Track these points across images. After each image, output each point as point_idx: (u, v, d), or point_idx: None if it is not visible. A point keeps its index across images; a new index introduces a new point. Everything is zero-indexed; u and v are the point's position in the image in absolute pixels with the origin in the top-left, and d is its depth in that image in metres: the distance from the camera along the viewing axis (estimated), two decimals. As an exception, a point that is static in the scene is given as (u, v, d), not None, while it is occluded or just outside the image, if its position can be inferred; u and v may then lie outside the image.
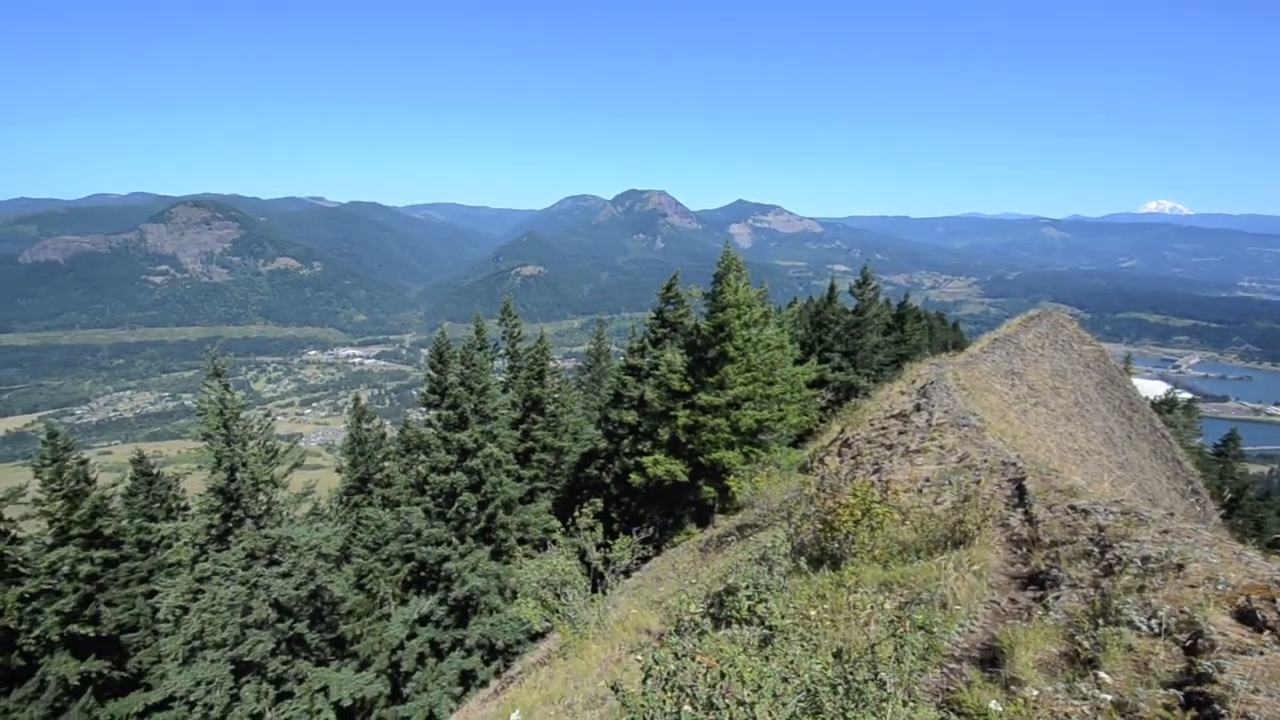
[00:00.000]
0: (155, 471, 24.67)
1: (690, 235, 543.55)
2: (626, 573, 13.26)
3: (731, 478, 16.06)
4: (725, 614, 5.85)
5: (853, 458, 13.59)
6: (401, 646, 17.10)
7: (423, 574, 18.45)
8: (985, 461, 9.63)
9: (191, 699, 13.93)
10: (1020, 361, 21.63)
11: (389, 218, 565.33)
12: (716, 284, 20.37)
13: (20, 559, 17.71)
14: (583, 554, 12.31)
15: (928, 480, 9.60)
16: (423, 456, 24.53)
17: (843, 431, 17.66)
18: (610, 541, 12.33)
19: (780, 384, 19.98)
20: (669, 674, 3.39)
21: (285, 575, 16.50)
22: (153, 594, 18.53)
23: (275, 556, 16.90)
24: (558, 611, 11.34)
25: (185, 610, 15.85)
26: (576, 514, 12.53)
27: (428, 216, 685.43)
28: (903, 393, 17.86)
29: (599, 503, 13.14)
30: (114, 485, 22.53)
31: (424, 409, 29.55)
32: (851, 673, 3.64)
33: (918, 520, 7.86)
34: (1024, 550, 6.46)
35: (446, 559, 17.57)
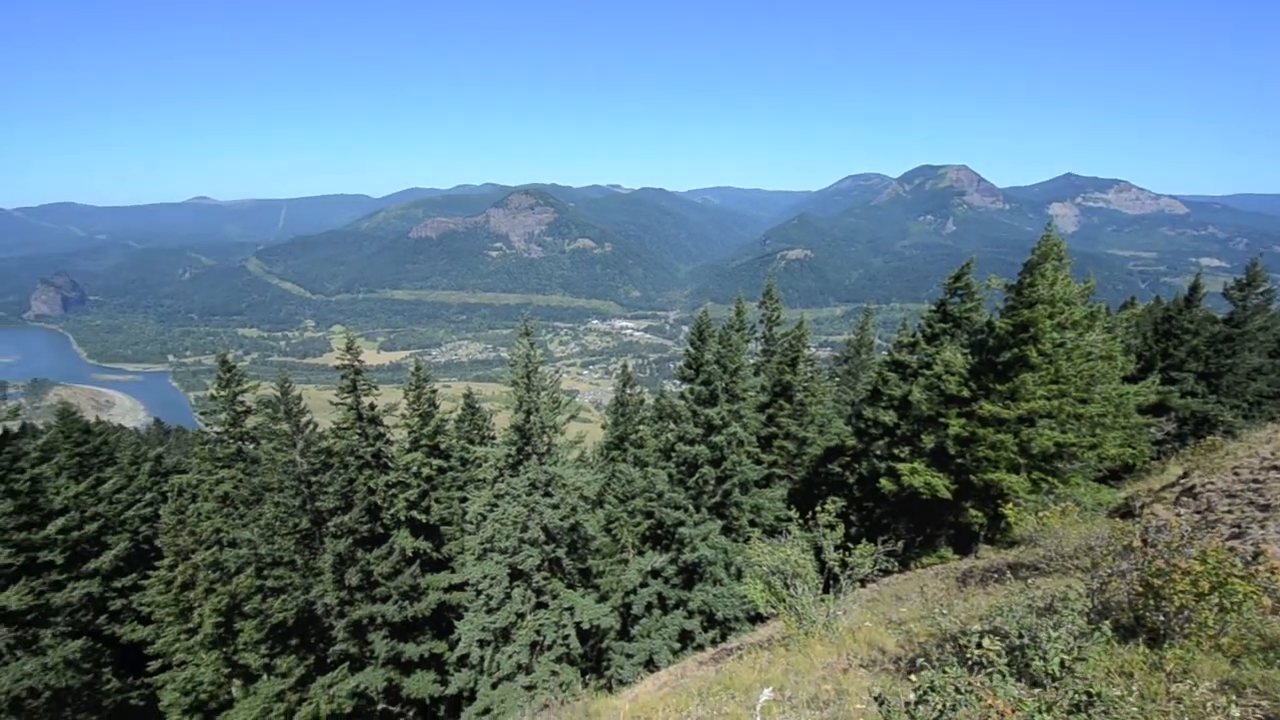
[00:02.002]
0: (477, 406, 31.02)
1: (992, 216, 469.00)
2: (863, 582, 12.22)
3: (1009, 505, 13.52)
4: (980, 658, 4.90)
5: (1199, 512, 10.25)
6: (634, 592, 18.69)
7: (659, 532, 19.76)
8: None
9: (479, 588, 17.38)
10: None
11: (671, 202, 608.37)
12: (1026, 274, 16.96)
13: (389, 456, 24.01)
14: (819, 551, 11.69)
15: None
16: (672, 426, 26.04)
17: (1186, 476, 13.43)
18: (850, 545, 11.49)
19: (1098, 404, 15.98)
20: (946, 706, 2.94)
21: (554, 506, 19.26)
22: (464, 500, 23.45)
23: (549, 489, 19.83)
24: (785, 601, 11.04)
25: (483, 518, 19.64)
26: (818, 509, 11.90)
27: (704, 200, 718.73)
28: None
29: (839, 502, 12.28)
30: (450, 412, 28.95)
31: (679, 381, 31.29)
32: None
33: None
34: None
35: (682, 524, 18.51)
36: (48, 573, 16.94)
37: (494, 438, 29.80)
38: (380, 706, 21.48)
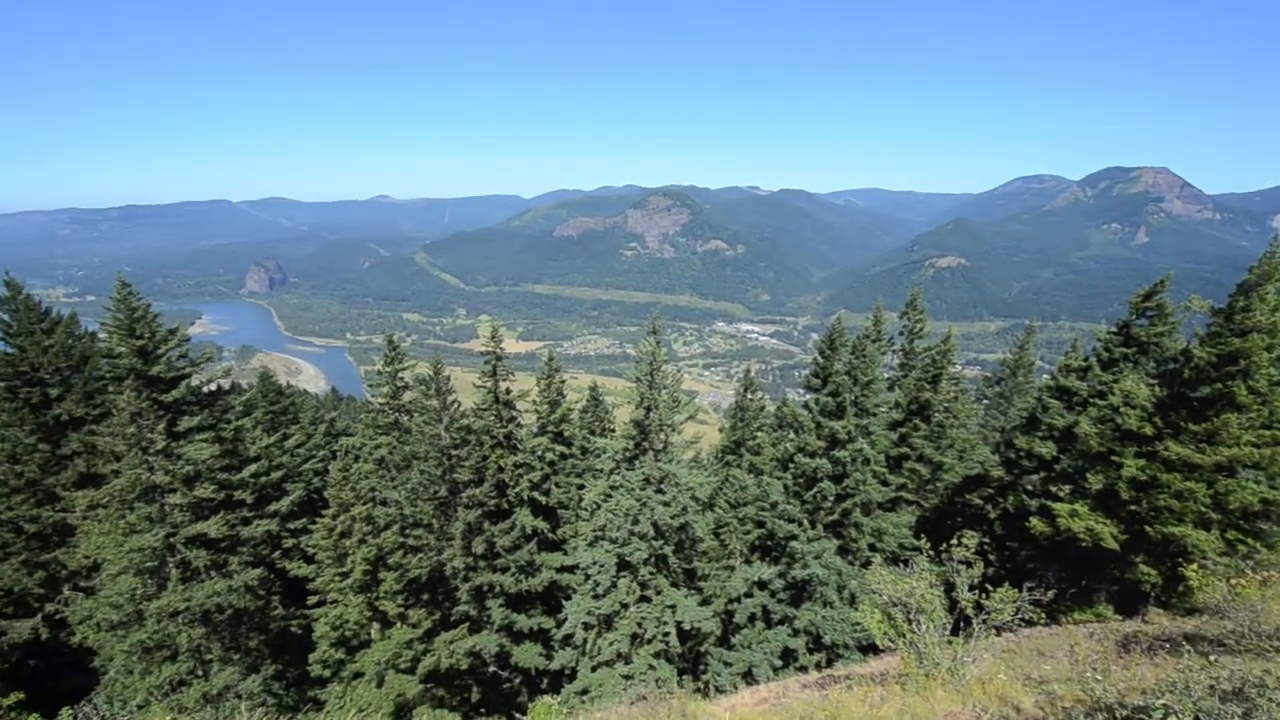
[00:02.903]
0: (600, 399, 32.17)
1: (1196, 228, 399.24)
2: (999, 629, 10.93)
3: (1193, 567, 11.42)
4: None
5: None
6: (738, 600, 18.30)
7: (769, 543, 19.15)
8: None
9: (588, 572, 18.00)
10: None
11: (810, 204, 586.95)
12: (1240, 296, 14.13)
13: (518, 439, 25.62)
14: (949, 588, 10.70)
15: None
16: (793, 436, 25.11)
17: None
18: (988, 587, 10.39)
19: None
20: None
21: (666, 504, 19.40)
22: (582, 487, 24.40)
23: (662, 486, 20.02)
24: (905, 637, 10.23)
25: (597, 506, 20.29)
26: (953, 542, 10.89)
27: (847, 202, 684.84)
28: None
29: (976, 536, 11.07)
30: (576, 403, 30.25)
31: (804, 390, 30.10)
32: None
33: None
34: None
35: (794, 538, 17.78)
36: (240, 509, 20.18)
37: (614, 430, 30.69)
38: (492, 669, 23.04)
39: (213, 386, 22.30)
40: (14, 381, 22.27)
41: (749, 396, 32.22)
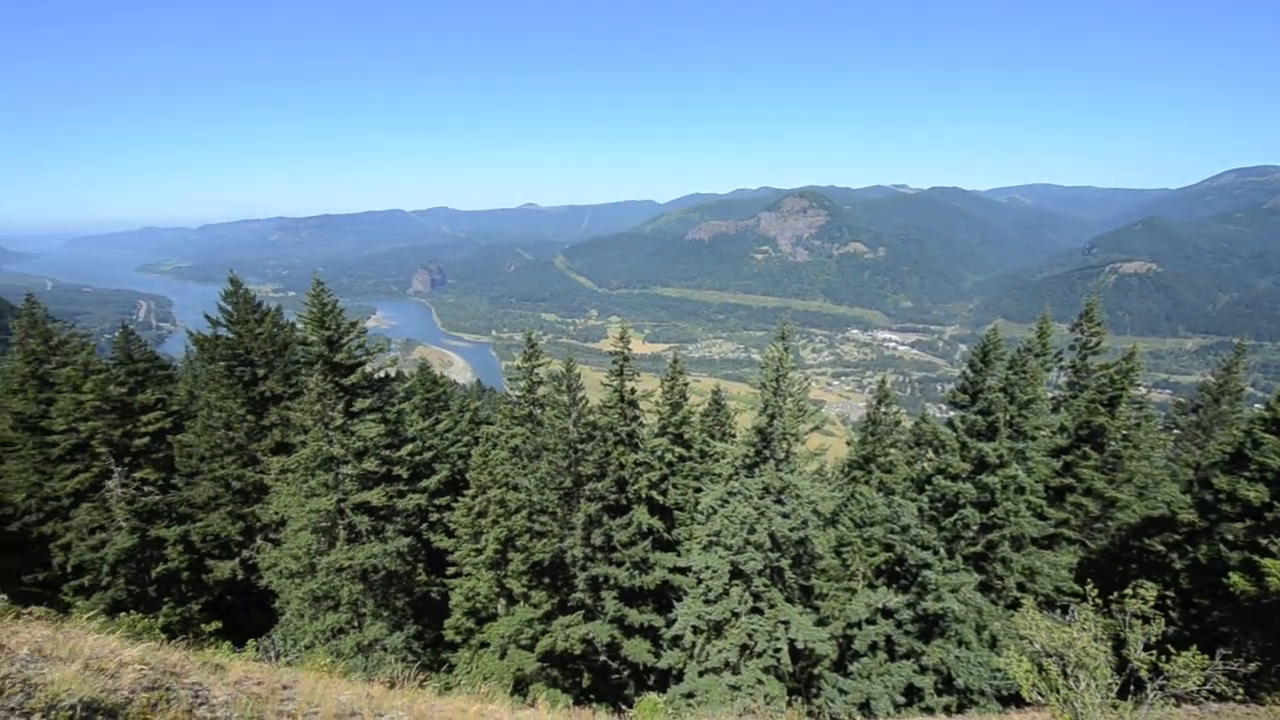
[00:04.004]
0: (723, 403, 31.91)
1: None
2: (1179, 699, 9.28)
3: None
4: None
5: None
6: (859, 625, 17.18)
7: (898, 569, 17.78)
8: None
9: (700, 576, 17.93)
10: None
11: (967, 202, 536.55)
12: None
13: (640, 438, 26.19)
14: (1118, 643, 9.35)
15: None
16: (932, 455, 23.16)
17: None
18: (1170, 648, 8.95)
19: None
20: None
21: (785, 515, 18.80)
22: (699, 490, 24.38)
23: (782, 497, 19.43)
24: (1059, 692, 9.09)
25: (714, 511, 20.16)
26: (1127, 592, 9.51)
27: (1011, 200, 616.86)
28: None
29: (1155, 589, 9.47)
30: (697, 406, 30.29)
31: (948, 406, 27.60)
32: None
33: None
34: None
35: (927, 566, 16.35)
36: (396, 483, 22.69)
37: (734, 436, 30.27)
38: (602, 659, 23.76)
39: (382, 374, 25.41)
40: (232, 362, 26.92)
41: (883, 409, 30.19)
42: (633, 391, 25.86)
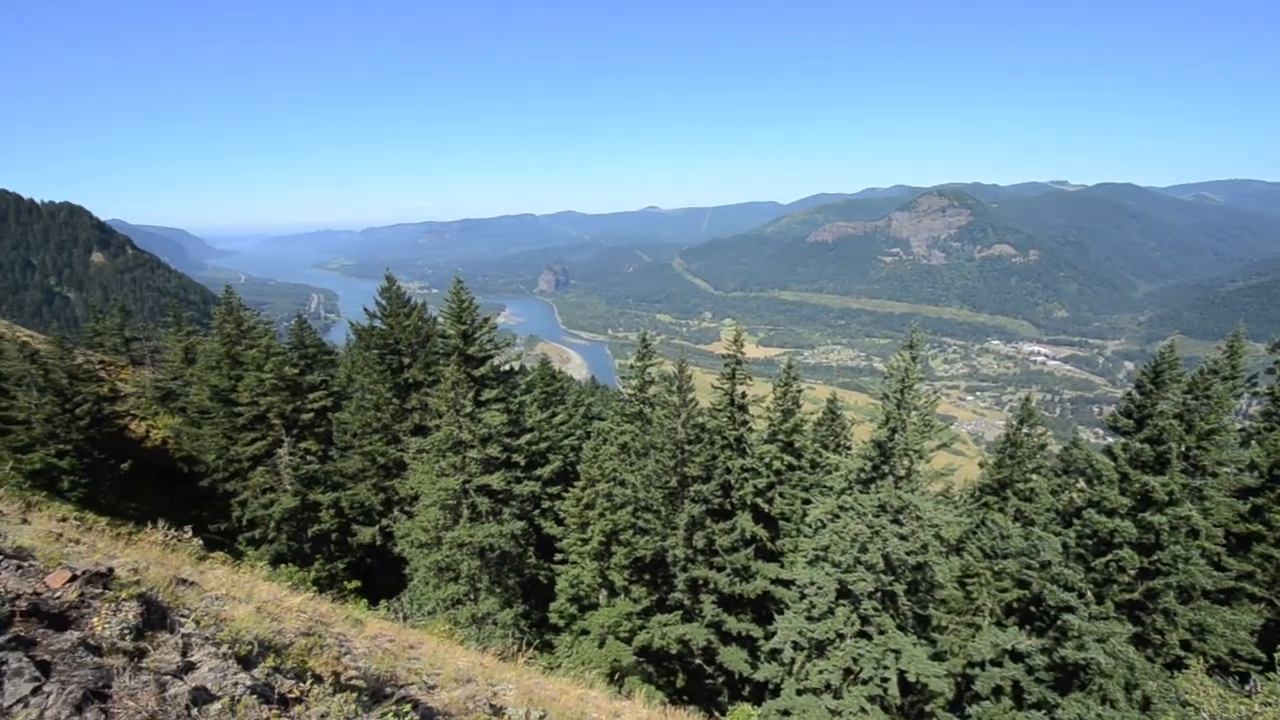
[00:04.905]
0: (838, 412, 30.51)
1: None
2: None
3: None
4: None
5: None
6: (981, 665, 15.63)
7: (1032, 609, 15.98)
8: None
9: (804, 591, 17.28)
10: None
11: (1141, 201, 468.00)
12: None
13: (748, 443, 25.75)
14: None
15: None
16: (1083, 485, 20.64)
17: None
18: None
19: None
20: None
21: (902, 537, 17.63)
22: (807, 502, 23.51)
23: (900, 517, 18.25)
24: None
25: (823, 525, 19.37)
26: None
27: (1199, 198, 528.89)
28: None
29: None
30: (810, 414, 29.25)
31: (1106, 431, 24.37)
32: None
33: None
34: None
35: (1070, 609, 14.53)
36: (514, 470, 24.20)
37: (849, 448, 28.84)
38: (698, 661, 23.65)
39: (507, 367, 27.23)
40: (383, 350, 30.12)
41: (1025, 430, 27.29)
42: (743, 396, 25.51)
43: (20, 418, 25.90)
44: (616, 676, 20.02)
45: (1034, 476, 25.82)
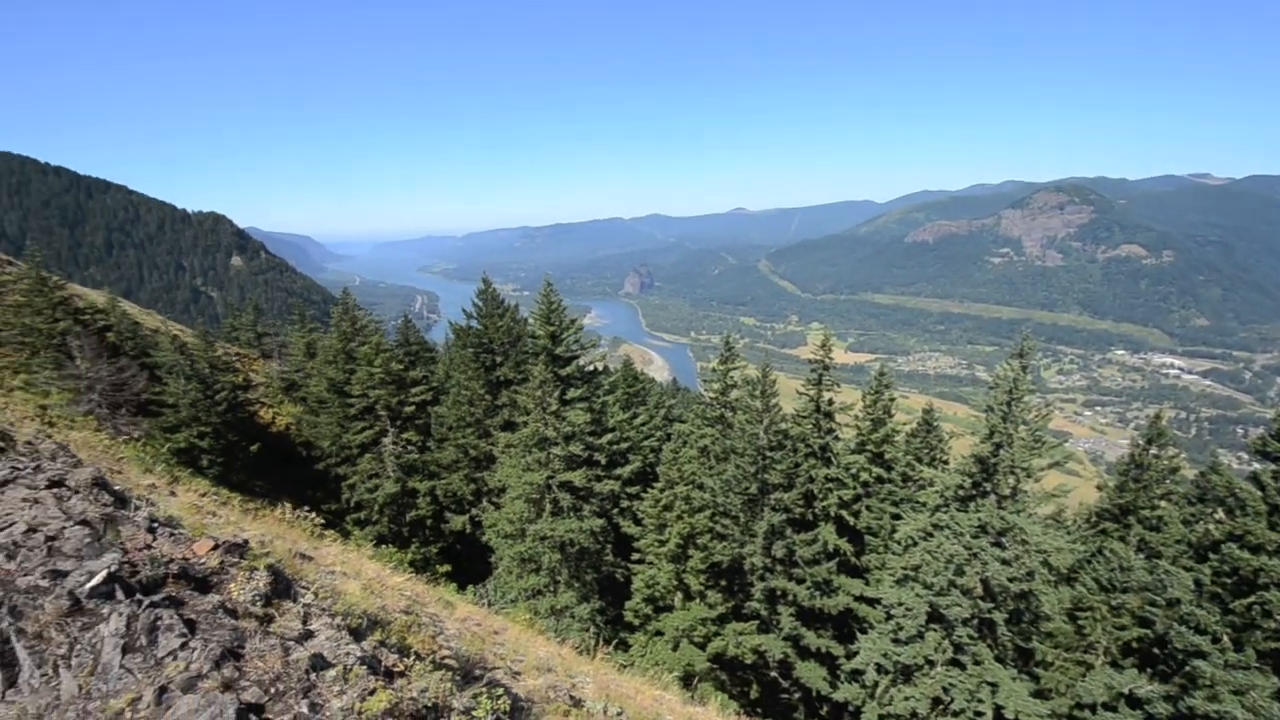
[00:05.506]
0: (935, 424, 28.83)
1: None
2: None
3: None
4: None
5: None
6: (1092, 709, 14.19)
7: (1156, 651, 14.34)
8: None
9: (890, 611, 16.48)
10: None
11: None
12: None
13: (833, 452, 24.90)
14: None
15: None
16: (1222, 516, 18.34)
17: None
18: None
19: None
20: None
21: (1004, 562, 16.43)
22: (897, 517, 22.38)
23: (1002, 540, 17.01)
24: None
25: (914, 543, 18.39)
26: None
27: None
28: None
29: None
30: (903, 424, 27.85)
31: (1253, 457, 21.52)
32: None
33: None
34: None
35: (1201, 655, 12.91)
36: (595, 468, 24.77)
37: (946, 463, 27.18)
38: (773, 674, 23.09)
39: (591, 367, 27.96)
40: (478, 349, 31.79)
41: (1154, 451, 24.53)
42: (830, 403, 24.73)
43: (170, 401, 29.56)
44: (690, 681, 20.01)
45: (1163, 503, 23.13)
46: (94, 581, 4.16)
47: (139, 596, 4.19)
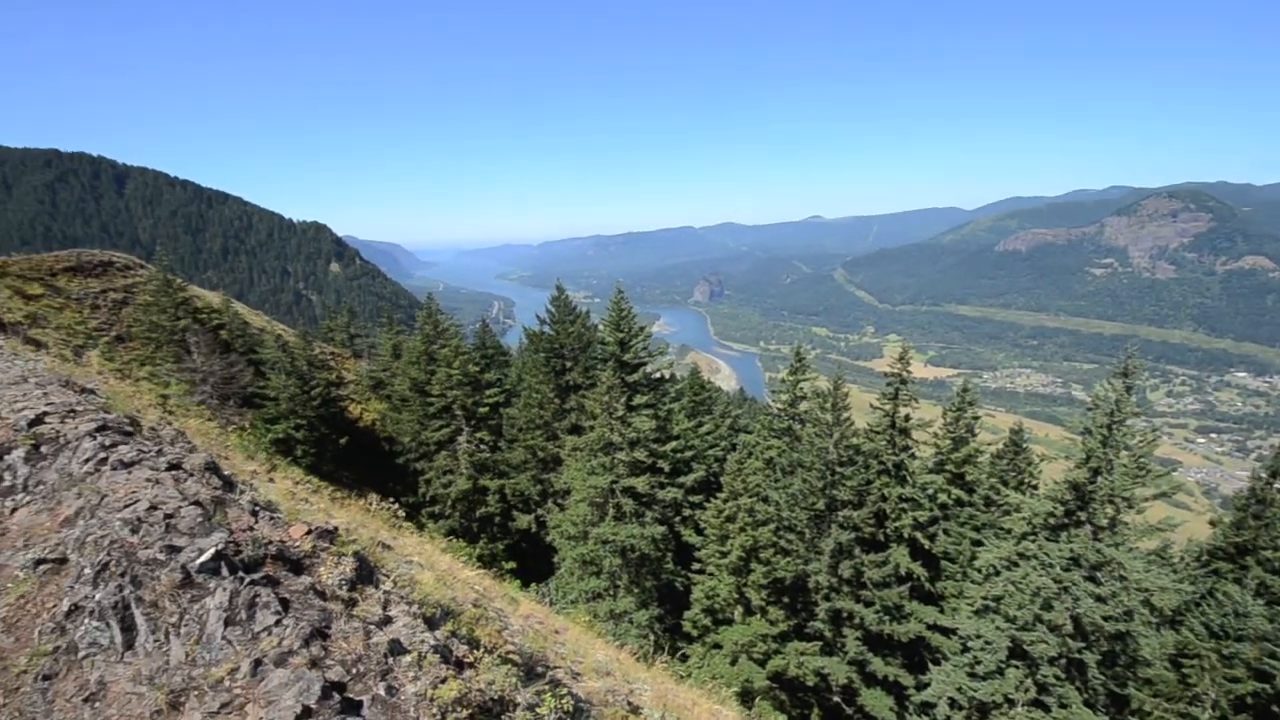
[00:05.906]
0: (1023, 445, 27.00)
1: None
2: None
3: None
4: None
5: None
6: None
7: (1274, 708, 12.76)
8: None
9: (967, 644, 15.54)
10: None
11: None
12: None
13: (909, 470, 23.78)
14: None
15: None
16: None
17: None
18: None
19: None
20: None
21: (1099, 598, 15.18)
22: (978, 543, 21.10)
23: (1097, 575, 15.73)
24: None
25: (996, 571, 17.30)
26: None
27: None
28: None
29: None
30: (988, 444, 26.29)
31: None
32: None
33: None
34: None
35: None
36: (659, 475, 24.84)
37: (1035, 488, 25.38)
38: (835, 699, 22.22)
39: (658, 374, 28.12)
40: (549, 354, 32.71)
41: (1278, 485, 22.03)
42: (907, 419, 23.72)
43: (271, 394, 32.14)
44: (748, 698, 19.61)
45: (1292, 546, 20.63)
46: (204, 558, 4.63)
47: (241, 574, 4.62)
